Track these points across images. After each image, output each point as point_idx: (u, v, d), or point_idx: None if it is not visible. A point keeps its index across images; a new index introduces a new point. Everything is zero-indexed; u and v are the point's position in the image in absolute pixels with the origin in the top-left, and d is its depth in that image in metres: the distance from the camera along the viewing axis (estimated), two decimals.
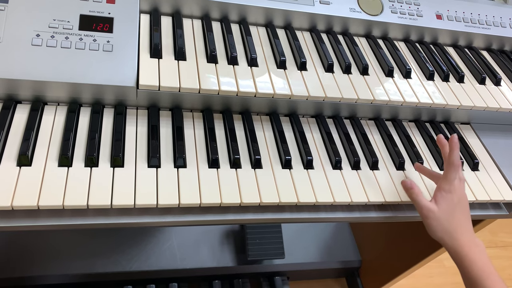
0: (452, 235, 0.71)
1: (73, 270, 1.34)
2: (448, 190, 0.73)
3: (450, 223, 0.71)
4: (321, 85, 0.84)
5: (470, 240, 0.71)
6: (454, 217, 0.71)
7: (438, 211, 0.72)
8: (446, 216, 0.71)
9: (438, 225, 0.72)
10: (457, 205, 0.72)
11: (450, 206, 0.72)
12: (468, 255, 0.69)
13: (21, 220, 0.64)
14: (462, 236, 0.70)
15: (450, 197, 0.72)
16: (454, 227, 0.71)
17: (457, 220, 0.71)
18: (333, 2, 0.96)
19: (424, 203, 0.73)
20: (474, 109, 0.94)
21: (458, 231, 0.71)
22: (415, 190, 0.75)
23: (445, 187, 0.73)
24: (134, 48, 0.76)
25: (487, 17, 1.09)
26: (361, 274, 1.69)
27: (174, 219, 0.70)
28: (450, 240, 0.71)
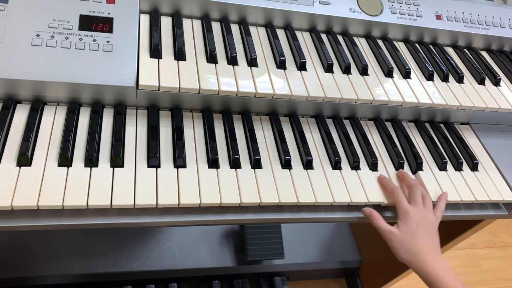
0: (417, 257, 0.72)
1: (73, 270, 1.34)
2: (404, 214, 0.75)
3: (413, 245, 0.73)
4: (320, 85, 0.84)
5: (436, 259, 0.72)
6: (415, 239, 0.73)
7: (399, 233, 0.74)
8: (407, 238, 0.73)
9: (401, 247, 0.74)
10: (417, 228, 0.74)
11: (410, 228, 0.74)
12: (437, 274, 0.70)
13: (21, 220, 0.64)
14: (427, 256, 0.72)
15: (409, 220, 0.74)
16: (417, 249, 0.73)
17: (420, 242, 0.73)
18: (332, 3, 0.96)
19: (385, 227, 0.75)
20: (473, 109, 0.94)
21: (422, 252, 0.72)
22: (375, 216, 0.77)
23: (407, 209, 0.75)
24: (134, 48, 0.76)
25: (487, 17, 1.09)
26: (360, 274, 1.69)
27: (174, 219, 0.70)
28: (417, 261, 0.72)
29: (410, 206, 0.75)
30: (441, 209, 0.79)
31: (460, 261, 1.91)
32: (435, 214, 0.77)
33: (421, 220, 0.74)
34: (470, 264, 1.92)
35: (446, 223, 1.17)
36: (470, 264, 1.92)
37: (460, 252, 1.94)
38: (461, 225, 1.15)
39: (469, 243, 1.98)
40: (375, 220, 0.76)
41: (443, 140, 0.93)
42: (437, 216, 0.77)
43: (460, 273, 1.85)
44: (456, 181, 0.86)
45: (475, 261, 1.93)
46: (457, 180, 0.86)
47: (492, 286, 1.86)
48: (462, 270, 1.88)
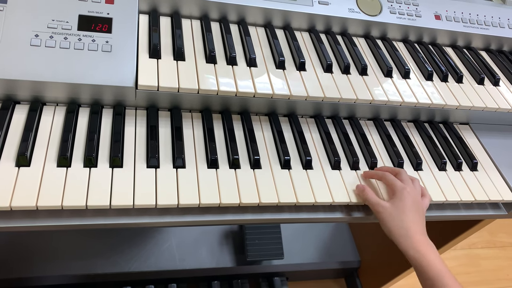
0: (406, 233, 0.71)
1: (72, 270, 1.34)
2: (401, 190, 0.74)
3: (403, 220, 0.71)
4: (320, 86, 0.84)
5: (425, 240, 0.71)
6: (407, 214, 0.72)
7: (391, 207, 0.73)
8: (399, 212, 0.72)
9: (390, 220, 0.72)
10: (412, 205, 0.73)
11: (404, 203, 0.72)
12: (426, 255, 0.69)
13: (20, 220, 0.64)
14: (416, 235, 0.71)
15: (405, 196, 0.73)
16: (408, 224, 0.71)
17: (411, 218, 0.72)
18: (332, 3, 0.96)
19: (376, 200, 0.74)
20: (472, 109, 0.94)
21: (412, 229, 0.71)
22: (367, 190, 0.76)
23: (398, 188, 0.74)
24: (133, 48, 0.76)
25: (486, 17, 1.09)
26: (360, 275, 1.69)
27: (173, 220, 0.70)
28: (404, 237, 0.71)
29: (405, 184, 0.75)
30: (428, 198, 0.78)
31: (459, 261, 1.91)
32: (423, 201, 0.76)
33: (416, 198, 0.74)
34: (469, 264, 1.92)
35: (446, 223, 1.17)
36: (470, 264, 1.92)
37: (460, 252, 1.94)
38: (461, 225, 1.15)
39: (469, 243, 1.98)
40: (365, 194, 0.75)
41: (443, 140, 0.93)
42: (425, 204, 0.77)
43: (460, 273, 1.85)
44: (455, 181, 0.86)
45: (475, 261, 1.93)
46: (457, 180, 0.86)
47: (492, 286, 1.86)
48: (461, 270, 1.88)
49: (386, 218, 0.73)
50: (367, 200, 0.75)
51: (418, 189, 0.77)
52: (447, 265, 0.70)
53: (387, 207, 0.73)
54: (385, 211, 0.73)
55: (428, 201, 0.78)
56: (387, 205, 0.73)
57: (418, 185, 0.78)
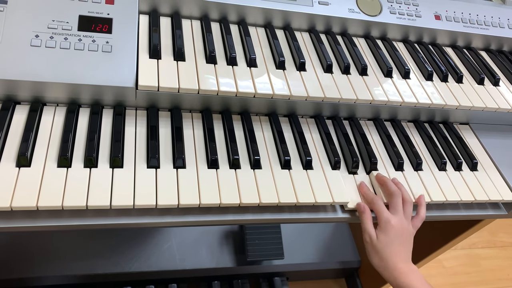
0: (388, 264, 0.74)
1: (72, 271, 1.34)
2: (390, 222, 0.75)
3: (386, 253, 0.74)
4: (320, 86, 0.84)
5: (405, 266, 0.74)
6: (390, 248, 0.74)
7: (376, 240, 0.75)
8: (382, 246, 0.75)
9: (374, 252, 0.76)
10: (395, 238, 0.75)
11: (388, 238, 0.75)
12: (406, 281, 0.72)
13: (20, 220, 0.64)
14: (397, 265, 0.74)
15: (392, 230, 0.75)
16: (390, 257, 0.74)
17: (394, 251, 0.74)
18: (332, 3, 0.96)
19: (368, 228, 0.76)
20: (472, 109, 0.94)
21: (393, 261, 0.74)
22: (366, 215, 0.77)
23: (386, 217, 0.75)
24: (133, 48, 0.76)
25: (486, 17, 1.09)
26: (360, 275, 1.69)
27: (174, 220, 0.70)
28: (387, 269, 0.74)
29: (391, 215, 0.76)
30: (421, 218, 0.79)
31: (459, 261, 1.91)
32: (413, 223, 0.78)
33: (400, 231, 0.75)
34: (469, 264, 1.92)
35: (446, 223, 1.17)
36: (470, 264, 1.92)
37: (460, 252, 1.94)
38: (461, 225, 1.15)
39: (469, 243, 1.98)
40: (364, 218, 0.76)
41: (443, 140, 0.93)
42: (415, 225, 0.78)
43: (460, 273, 1.85)
44: (455, 181, 0.86)
45: (475, 261, 1.93)
46: (457, 180, 0.86)
47: (492, 286, 1.86)
48: (461, 270, 1.88)
49: (370, 249, 0.76)
50: (362, 223, 0.77)
51: (409, 213, 0.77)
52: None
53: (373, 239, 0.75)
54: (371, 241, 0.76)
55: (421, 221, 0.79)
56: (374, 237, 0.76)
57: (409, 210, 0.78)
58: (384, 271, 0.75)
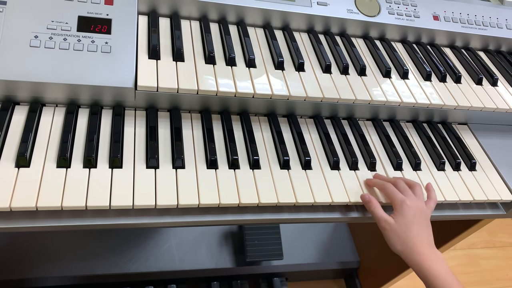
0: (412, 249, 0.71)
1: (71, 271, 1.34)
2: (401, 204, 0.73)
3: (408, 236, 0.72)
4: (319, 86, 0.84)
5: (430, 252, 0.72)
6: (411, 230, 0.72)
7: (395, 224, 0.73)
8: (403, 229, 0.72)
9: (395, 237, 0.73)
10: (414, 218, 0.73)
11: (407, 219, 0.72)
12: (431, 268, 0.69)
13: (20, 221, 0.64)
14: (421, 249, 0.71)
15: (407, 210, 0.73)
16: (412, 240, 0.71)
17: (415, 233, 0.72)
18: (330, 3, 0.96)
19: (381, 215, 0.74)
20: (471, 109, 0.94)
21: (417, 244, 0.71)
22: (373, 203, 0.75)
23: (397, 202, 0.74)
24: (132, 49, 0.76)
25: (484, 18, 1.09)
26: (359, 275, 1.69)
27: (173, 220, 0.70)
28: (411, 253, 0.71)
29: (405, 196, 0.74)
30: (434, 199, 0.78)
31: (458, 261, 1.92)
32: (427, 205, 0.76)
33: (417, 210, 0.73)
34: (468, 264, 1.92)
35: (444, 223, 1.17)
36: (469, 264, 1.92)
37: (459, 252, 1.94)
38: (460, 225, 1.15)
39: (468, 243, 1.98)
40: (372, 207, 0.75)
41: (441, 140, 0.94)
42: (430, 207, 0.76)
43: (459, 273, 1.85)
44: (454, 181, 0.86)
45: (474, 261, 1.94)
46: (455, 180, 0.86)
47: (491, 286, 1.87)
48: (460, 270, 1.88)
49: (391, 235, 0.73)
50: (373, 214, 0.75)
51: (420, 196, 0.76)
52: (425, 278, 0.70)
53: (391, 224, 0.73)
54: (390, 227, 0.73)
55: (434, 203, 0.78)
56: (392, 222, 0.73)
57: (419, 191, 0.77)
58: (407, 256, 0.72)
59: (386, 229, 0.74)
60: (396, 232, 0.73)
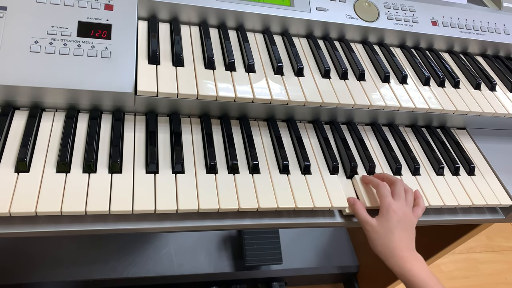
0: (392, 251, 0.72)
1: (70, 277, 1.33)
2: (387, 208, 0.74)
3: (390, 240, 0.73)
4: (318, 91, 0.85)
5: (410, 255, 0.73)
6: (393, 234, 0.73)
7: (377, 226, 0.74)
8: (385, 232, 0.73)
9: (377, 238, 0.74)
10: (398, 224, 0.74)
11: (391, 223, 0.73)
12: (411, 269, 0.71)
13: (19, 226, 0.64)
14: (401, 252, 0.72)
15: (391, 215, 0.74)
16: (393, 244, 0.73)
17: (397, 237, 0.73)
18: (329, 9, 0.97)
19: (364, 217, 0.75)
20: (469, 114, 0.94)
21: (398, 248, 0.72)
22: (357, 205, 0.77)
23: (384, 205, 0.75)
24: (132, 54, 0.76)
25: (482, 23, 1.10)
26: (358, 279, 1.69)
27: (172, 225, 0.70)
28: (391, 255, 0.73)
29: (393, 201, 0.75)
30: (422, 207, 0.78)
31: (457, 265, 1.92)
32: (415, 213, 0.77)
33: (402, 217, 0.74)
34: (467, 268, 1.92)
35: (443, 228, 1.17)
36: (468, 268, 1.92)
37: (458, 256, 1.94)
38: (458, 229, 1.15)
39: (467, 247, 1.98)
40: (356, 209, 0.76)
41: (440, 145, 0.94)
42: (417, 214, 0.77)
43: (458, 278, 1.85)
44: (453, 186, 0.86)
45: (473, 266, 1.94)
46: (454, 184, 0.87)
47: None
48: (459, 274, 1.88)
49: (372, 236, 0.74)
50: (356, 215, 0.77)
51: (410, 201, 0.77)
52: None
53: (374, 226, 0.74)
54: (372, 229, 0.74)
55: (421, 210, 0.78)
56: (374, 224, 0.74)
57: (410, 198, 0.78)
58: (388, 258, 0.73)
59: (368, 230, 0.75)
60: (378, 233, 0.74)
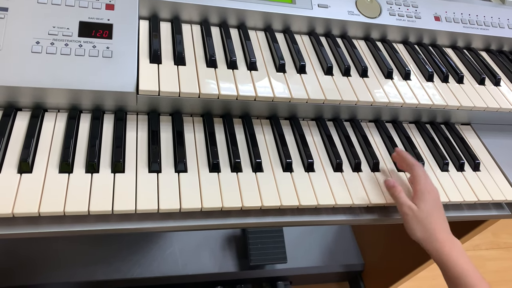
0: (432, 235, 0.71)
1: (74, 278, 1.34)
2: (425, 190, 0.73)
3: (430, 223, 0.72)
4: (320, 88, 0.84)
5: (449, 239, 0.72)
6: (432, 216, 0.72)
7: (418, 210, 0.72)
8: (425, 216, 0.72)
9: (417, 223, 0.72)
10: (434, 205, 0.73)
11: (428, 206, 0.72)
12: (450, 254, 0.69)
13: (22, 227, 0.64)
14: (440, 235, 0.71)
15: (429, 197, 0.73)
16: (433, 227, 0.71)
17: (436, 220, 0.72)
18: (331, 5, 0.96)
19: (405, 200, 0.74)
20: (474, 109, 0.94)
21: (437, 231, 0.71)
22: (397, 188, 0.76)
23: (420, 187, 0.74)
24: (133, 54, 0.76)
25: (485, 18, 1.09)
26: (364, 278, 1.68)
27: (176, 224, 0.70)
28: (430, 240, 0.71)
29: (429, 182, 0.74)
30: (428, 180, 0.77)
31: None
32: None
33: (435, 197, 0.73)
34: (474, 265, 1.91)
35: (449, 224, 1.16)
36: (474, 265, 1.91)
37: None
38: (464, 226, 1.14)
39: (472, 245, 1.97)
40: (396, 192, 0.75)
41: (444, 141, 0.93)
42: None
43: None
44: (458, 182, 0.85)
45: (479, 263, 1.92)
46: (459, 180, 0.86)
47: (497, 287, 1.85)
48: None
49: (412, 221, 0.73)
50: (396, 199, 0.75)
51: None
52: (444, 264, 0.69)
53: (415, 210, 0.72)
54: (413, 213, 0.72)
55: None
56: (415, 208, 0.72)
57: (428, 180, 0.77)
58: (427, 243, 0.72)
59: (408, 214, 0.73)
60: (418, 218, 0.72)
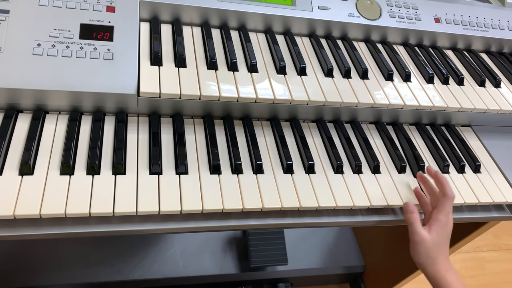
0: (434, 262, 0.74)
1: (75, 279, 1.34)
2: (445, 223, 0.75)
3: (435, 252, 0.74)
4: (321, 90, 0.84)
5: (447, 264, 0.75)
6: (440, 247, 0.74)
7: (430, 241, 0.74)
8: (433, 246, 0.74)
9: (424, 252, 0.74)
10: (446, 238, 0.75)
11: (441, 237, 0.75)
12: (445, 278, 0.73)
13: (23, 229, 0.64)
14: (441, 263, 0.74)
15: (445, 230, 0.75)
16: (437, 255, 0.74)
17: (442, 251, 0.75)
18: (331, 8, 0.96)
19: (419, 230, 0.75)
20: (474, 111, 0.94)
21: (440, 259, 0.74)
22: (415, 215, 0.76)
23: (442, 219, 0.75)
24: (134, 56, 0.76)
25: (485, 19, 1.09)
26: (364, 280, 1.68)
27: (176, 226, 0.70)
28: (430, 265, 0.74)
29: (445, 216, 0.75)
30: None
31: (464, 264, 1.90)
32: None
33: (449, 231, 0.76)
34: (474, 267, 1.90)
35: None
36: (475, 267, 1.90)
37: (465, 255, 1.93)
38: (465, 228, 1.14)
39: (473, 246, 1.97)
40: (412, 219, 0.75)
41: (445, 143, 0.93)
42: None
43: (465, 276, 1.84)
44: (458, 184, 0.85)
45: (480, 264, 1.92)
46: (460, 182, 0.86)
47: None
48: (466, 273, 1.87)
49: (419, 248, 0.75)
50: (410, 225, 0.76)
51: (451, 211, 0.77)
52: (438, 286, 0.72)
53: (426, 240, 0.74)
54: (422, 242, 0.74)
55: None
56: (427, 238, 0.74)
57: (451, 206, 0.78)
58: (427, 266, 0.74)
59: (417, 242, 0.74)
60: (426, 247, 0.74)
